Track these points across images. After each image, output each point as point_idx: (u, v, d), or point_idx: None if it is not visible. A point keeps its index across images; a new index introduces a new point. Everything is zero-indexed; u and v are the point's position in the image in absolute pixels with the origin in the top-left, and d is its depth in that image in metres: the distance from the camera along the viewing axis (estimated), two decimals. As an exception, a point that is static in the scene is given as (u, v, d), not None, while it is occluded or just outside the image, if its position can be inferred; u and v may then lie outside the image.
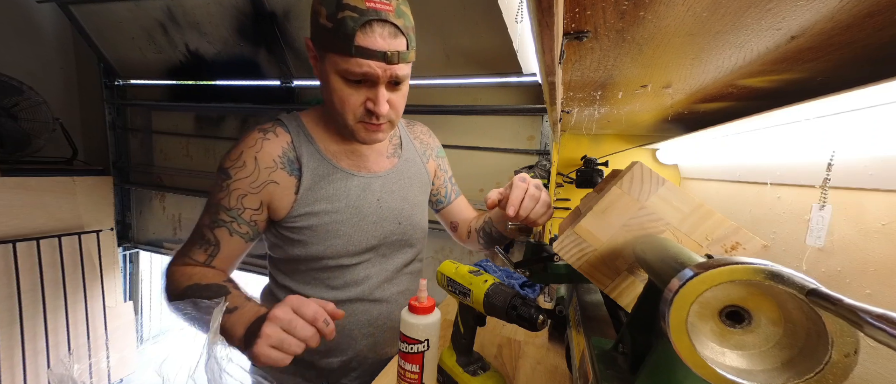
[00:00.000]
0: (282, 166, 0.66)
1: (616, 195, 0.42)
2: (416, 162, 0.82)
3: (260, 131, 0.67)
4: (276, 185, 0.65)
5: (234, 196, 0.63)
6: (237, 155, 0.65)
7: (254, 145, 0.65)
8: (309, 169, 0.67)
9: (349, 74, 0.59)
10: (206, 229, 0.65)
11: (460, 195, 0.94)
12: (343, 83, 0.61)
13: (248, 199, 0.64)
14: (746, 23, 0.32)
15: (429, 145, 0.88)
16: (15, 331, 1.64)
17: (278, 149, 0.66)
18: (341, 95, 0.62)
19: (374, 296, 0.75)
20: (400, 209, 0.75)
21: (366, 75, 0.58)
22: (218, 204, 0.64)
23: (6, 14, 1.96)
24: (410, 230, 0.77)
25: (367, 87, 0.61)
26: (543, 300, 0.93)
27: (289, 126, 0.69)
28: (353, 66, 0.57)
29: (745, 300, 0.24)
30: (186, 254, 0.66)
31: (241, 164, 0.64)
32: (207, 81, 2.00)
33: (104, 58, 2.08)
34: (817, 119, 0.51)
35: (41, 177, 1.79)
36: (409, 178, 0.79)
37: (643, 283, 0.41)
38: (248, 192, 0.64)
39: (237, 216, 0.64)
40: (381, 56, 0.57)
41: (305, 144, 0.69)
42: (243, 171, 0.64)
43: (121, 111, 2.24)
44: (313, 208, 0.67)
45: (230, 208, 0.64)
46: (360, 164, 0.73)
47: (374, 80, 0.60)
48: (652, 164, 1.21)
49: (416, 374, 0.55)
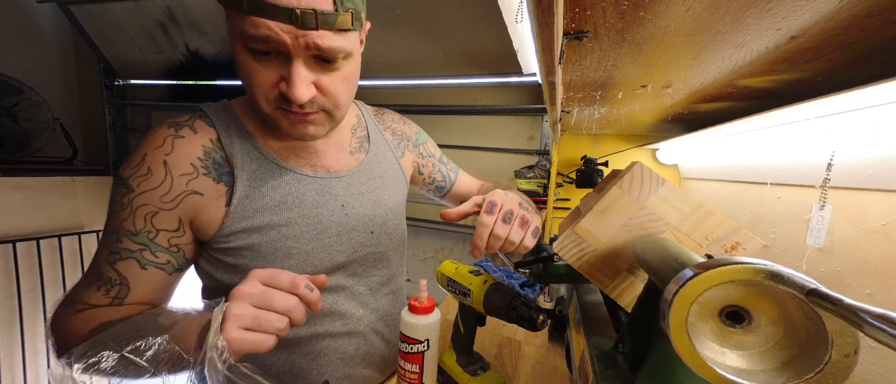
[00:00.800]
0: (205, 171, 0.50)
1: (616, 195, 0.42)
2: (387, 157, 0.68)
3: (170, 126, 0.50)
4: (200, 196, 0.50)
5: (140, 215, 0.47)
6: (138, 158, 0.48)
7: (162, 145, 0.49)
8: (244, 171, 0.52)
9: (248, 40, 0.43)
10: (105, 264, 0.48)
11: (459, 172, 0.82)
12: (247, 54, 0.45)
13: (159, 218, 0.48)
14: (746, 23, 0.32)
15: (403, 136, 0.74)
16: (15, 332, 1.64)
17: (197, 148, 0.50)
18: (246, 70, 0.46)
19: (349, 328, 0.61)
20: (371, 215, 0.61)
21: (267, 40, 0.43)
22: (119, 228, 0.47)
23: (6, 14, 1.96)
24: (385, 240, 0.64)
25: (278, 63, 0.46)
26: (543, 300, 0.93)
27: (214, 118, 0.53)
28: (249, 28, 0.42)
29: (745, 300, 0.24)
30: (77, 300, 0.48)
31: (144, 171, 0.48)
32: (207, 81, 2.00)
33: (104, 58, 2.08)
34: (817, 119, 0.51)
35: (41, 177, 1.79)
36: (379, 177, 0.65)
37: (643, 283, 0.41)
38: (159, 209, 0.48)
39: (148, 241, 0.48)
40: (286, 15, 0.41)
41: (238, 140, 0.53)
42: (149, 181, 0.48)
43: (121, 111, 2.24)
44: (253, 222, 0.52)
45: (136, 232, 0.48)
46: (315, 162, 0.58)
47: (284, 51, 0.44)
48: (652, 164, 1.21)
49: (416, 374, 0.55)
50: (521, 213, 0.48)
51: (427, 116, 1.51)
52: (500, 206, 0.47)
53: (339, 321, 0.60)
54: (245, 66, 0.46)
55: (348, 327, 0.61)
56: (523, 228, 0.48)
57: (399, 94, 1.62)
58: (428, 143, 0.79)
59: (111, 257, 0.48)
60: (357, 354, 0.63)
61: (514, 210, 0.48)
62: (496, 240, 0.47)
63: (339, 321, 0.60)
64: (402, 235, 0.69)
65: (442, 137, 1.50)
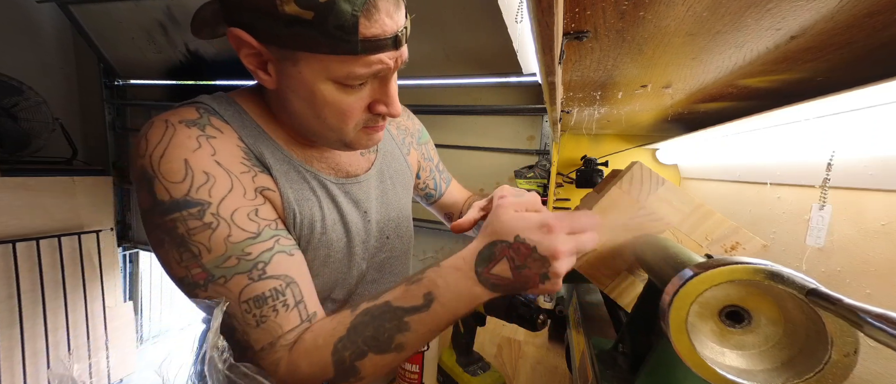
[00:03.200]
0: (259, 168, 0.46)
1: (616, 195, 0.42)
2: (396, 156, 0.65)
3: (187, 125, 0.42)
4: (272, 192, 0.46)
5: (242, 217, 0.41)
6: (179, 169, 0.39)
7: (200, 147, 0.41)
8: (279, 172, 0.47)
9: (353, 79, 0.41)
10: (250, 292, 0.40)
11: (451, 181, 0.80)
12: (339, 90, 0.42)
13: (264, 210, 0.43)
14: (746, 23, 0.32)
15: (408, 130, 0.71)
16: (15, 332, 1.63)
17: (235, 146, 0.44)
18: (339, 107, 0.43)
19: None
20: (386, 220, 0.59)
21: (376, 74, 0.42)
22: (222, 247, 0.39)
23: (6, 14, 1.96)
24: (397, 243, 0.62)
25: (371, 88, 0.45)
26: (543, 300, 0.93)
27: (225, 115, 0.46)
28: (360, 69, 0.40)
29: (745, 300, 0.24)
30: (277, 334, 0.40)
31: (202, 179, 0.40)
32: (207, 81, 2.00)
33: (104, 58, 2.08)
34: (817, 119, 0.51)
35: (41, 177, 1.79)
36: (391, 178, 0.62)
37: (643, 283, 0.41)
38: (252, 206, 0.42)
39: (271, 231, 0.43)
40: (392, 43, 0.40)
41: (260, 138, 0.47)
42: (218, 187, 0.40)
43: (121, 111, 2.24)
44: (302, 231, 0.48)
45: (254, 233, 0.41)
46: (336, 167, 0.55)
47: (384, 76, 0.44)
48: (652, 164, 1.21)
49: (416, 374, 0.55)
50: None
51: (427, 116, 1.51)
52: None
53: None
54: (335, 103, 0.43)
55: None
56: None
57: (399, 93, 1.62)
58: (429, 145, 0.77)
59: (254, 274, 0.40)
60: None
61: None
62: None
63: None
64: (411, 237, 0.67)
65: (442, 137, 1.50)
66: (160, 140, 0.40)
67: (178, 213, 0.39)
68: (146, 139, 0.40)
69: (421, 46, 1.32)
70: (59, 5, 1.88)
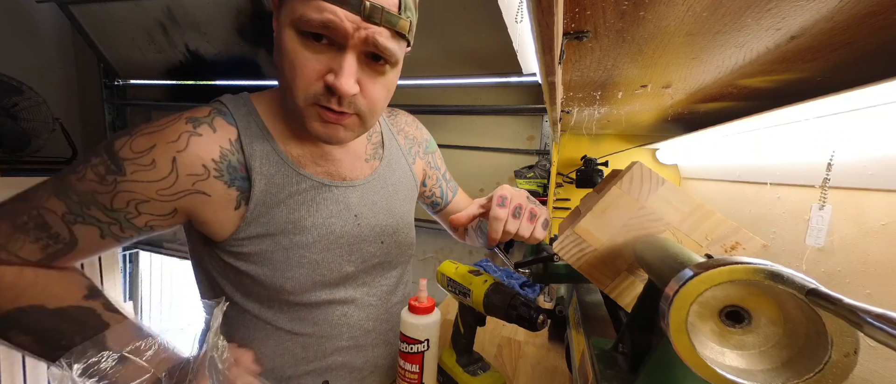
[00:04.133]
0: (217, 174, 0.48)
1: (616, 195, 0.42)
2: (400, 164, 0.67)
3: (189, 121, 0.47)
4: (206, 197, 0.48)
5: (123, 198, 0.44)
6: (145, 146, 0.45)
7: (176, 141, 0.46)
8: (262, 176, 0.50)
9: (304, 24, 0.42)
10: (55, 219, 0.43)
11: (458, 191, 0.83)
12: (298, 40, 0.44)
13: (150, 206, 0.46)
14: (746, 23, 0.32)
15: (415, 140, 0.73)
16: (15, 331, 1.64)
17: (213, 149, 0.48)
18: (293, 58, 0.44)
19: (357, 342, 0.60)
20: (383, 225, 0.60)
21: (328, 26, 0.42)
22: (88, 194, 0.44)
23: (6, 14, 1.96)
24: (395, 250, 0.63)
25: (330, 53, 0.45)
26: (543, 300, 0.93)
27: (235, 114, 0.51)
28: (311, 11, 0.41)
29: (745, 300, 0.24)
30: (2, 244, 0.43)
31: (148, 162, 0.44)
32: (207, 81, 2.00)
33: (104, 58, 2.08)
34: (817, 119, 0.51)
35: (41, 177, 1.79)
36: (393, 185, 0.64)
37: (643, 283, 0.41)
38: (151, 198, 0.45)
39: (123, 219, 0.45)
40: (355, 5, 0.41)
41: (258, 141, 0.51)
42: (149, 173, 0.44)
43: (121, 111, 2.24)
44: (268, 228, 0.51)
45: (112, 209, 0.44)
46: (332, 170, 0.57)
47: (340, 41, 0.43)
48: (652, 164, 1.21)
49: (415, 374, 0.55)
50: (529, 207, 0.51)
51: (427, 116, 1.51)
52: (510, 200, 0.49)
53: (346, 333, 0.59)
54: (291, 53, 0.44)
55: (356, 340, 0.60)
56: (532, 222, 0.51)
57: (399, 94, 1.62)
58: (436, 154, 0.78)
59: (70, 217, 0.44)
60: (367, 366, 0.62)
61: (523, 204, 0.50)
62: (507, 234, 0.49)
63: (346, 333, 0.59)
64: (411, 243, 0.68)
65: (442, 137, 1.50)
66: (161, 124, 0.47)
67: (105, 157, 0.44)
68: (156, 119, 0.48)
69: (421, 46, 1.32)
70: (59, 5, 1.88)
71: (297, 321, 0.56)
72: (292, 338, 0.56)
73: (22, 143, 1.81)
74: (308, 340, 0.57)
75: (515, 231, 0.49)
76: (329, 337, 0.58)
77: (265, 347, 0.56)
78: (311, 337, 0.57)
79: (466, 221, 0.53)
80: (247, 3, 1.56)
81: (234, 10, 1.61)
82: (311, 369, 0.58)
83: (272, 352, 0.56)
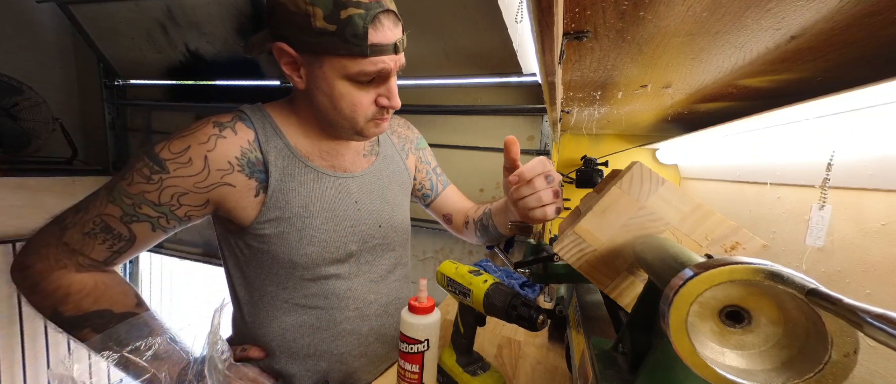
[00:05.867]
0: (239, 168, 0.58)
1: (616, 195, 0.42)
2: (394, 159, 0.78)
3: (215, 125, 0.58)
4: (231, 188, 0.58)
5: (168, 193, 0.54)
6: (182, 147, 0.55)
7: (206, 142, 0.56)
8: (277, 167, 0.61)
9: (363, 76, 0.56)
10: (115, 221, 0.54)
11: (448, 185, 0.90)
12: (353, 86, 0.57)
13: (188, 197, 0.56)
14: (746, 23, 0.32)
15: (407, 139, 0.84)
16: (15, 332, 1.63)
17: (236, 148, 0.58)
18: (352, 99, 0.58)
19: (361, 311, 0.69)
20: (379, 211, 0.70)
21: (380, 73, 0.56)
22: (139, 195, 0.53)
23: (6, 14, 1.95)
24: (391, 233, 0.73)
25: (376, 84, 0.59)
26: (543, 300, 0.93)
27: (252, 119, 0.61)
28: (368, 66, 0.54)
29: (745, 300, 0.24)
30: (78, 250, 0.54)
31: (185, 159, 0.55)
32: (207, 81, 2.00)
33: (104, 58, 2.08)
34: (817, 119, 0.51)
35: (41, 177, 1.79)
36: (388, 177, 0.74)
37: (643, 283, 0.41)
38: (189, 191, 0.55)
39: (169, 212, 0.56)
40: (392, 48, 0.55)
41: (273, 140, 0.62)
42: (187, 169, 0.55)
43: (121, 111, 2.24)
44: (283, 212, 0.60)
45: (160, 204, 0.54)
46: (335, 163, 0.67)
47: (386, 76, 0.58)
48: (652, 164, 1.21)
49: (416, 374, 0.55)
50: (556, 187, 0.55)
51: (427, 116, 1.51)
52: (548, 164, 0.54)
53: (352, 304, 0.68)
54: (349, 96, 0.58)
55: (361, 310, 0.69)
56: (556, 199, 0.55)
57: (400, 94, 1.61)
58: (426, 151, 0.88)
59: (127, 218, 0.54)
60: (371, 333, 0.71)
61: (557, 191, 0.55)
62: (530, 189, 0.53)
63: (352, 304, 0.68)
64: (406, 229, 0.78)
65: (442, 137, 1.50)
66: (191, 128, 0.57)
67: (149, 161, 0.54)
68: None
69: (421, 46, 1.32)
70: (59, 5, 1.88)
71: (310, 296, 0.66)
72: (307, 312, 0.66)
73: (22, 143, 1.81)
74: (320, 313, 0.66)
75: (535, 191, 0.53)
76: (337, 308, 0.67)
77: (285, 321, 0.65)
78: (323, 310, 0.66)
79: (515, 159, 0.56)
80: (247, 3, 1.56)
81: (234, 10, 1.61)
82: (325, 336, 0.67)
83: (292, 324, 0.65)
